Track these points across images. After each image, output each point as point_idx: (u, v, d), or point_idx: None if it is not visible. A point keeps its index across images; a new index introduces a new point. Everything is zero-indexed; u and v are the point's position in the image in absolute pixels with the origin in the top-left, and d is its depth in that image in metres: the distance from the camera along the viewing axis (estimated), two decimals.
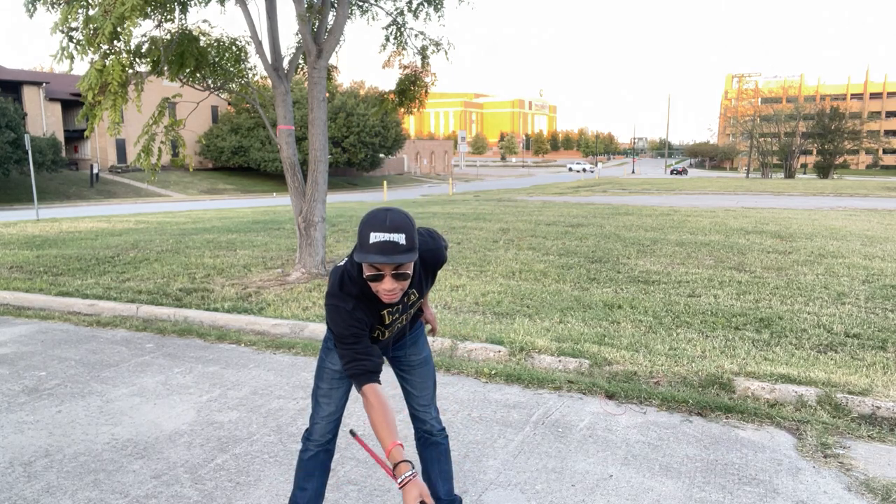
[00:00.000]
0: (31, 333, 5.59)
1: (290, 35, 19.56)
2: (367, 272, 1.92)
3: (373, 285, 1.93)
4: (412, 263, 1.95)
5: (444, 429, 2.54)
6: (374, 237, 1.84)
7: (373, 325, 2.11)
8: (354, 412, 3.63)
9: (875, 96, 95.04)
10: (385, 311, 2.11)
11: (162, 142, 7.60)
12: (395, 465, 1.76)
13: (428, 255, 2.16)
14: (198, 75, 7.71)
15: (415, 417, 2.50)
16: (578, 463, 3.18)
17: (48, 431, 3.58)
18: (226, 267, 8.10)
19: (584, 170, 78.01)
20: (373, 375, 1.96)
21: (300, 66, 8.43)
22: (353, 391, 2.30)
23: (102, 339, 5.41)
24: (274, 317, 5.69)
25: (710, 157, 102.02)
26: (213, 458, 3.25)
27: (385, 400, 1.91)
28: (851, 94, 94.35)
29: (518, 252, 8.95)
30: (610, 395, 3.98)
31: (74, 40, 6.30)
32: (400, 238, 1.84)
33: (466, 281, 7.03)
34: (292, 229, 11.74)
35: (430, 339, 4.90)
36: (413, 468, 1.76)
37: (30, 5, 6.71)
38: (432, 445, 2.51)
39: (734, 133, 77.64)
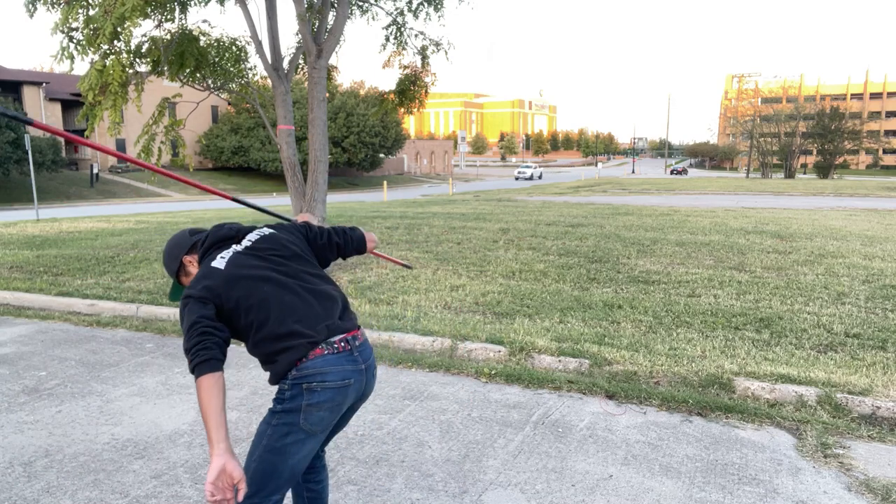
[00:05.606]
0: (31, 333, 5.59)
1: (290, 35, 19.55)
2: None
3: None
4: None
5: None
6: None
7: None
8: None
9: (875, 96, 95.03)
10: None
11: (162, 142, 7.62)
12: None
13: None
14: (198, 75, 7.72)
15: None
16: (578, 463, 3.18)
17: (48, 431, 3.59)
18: None
19: (532, 176, 57.17)
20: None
21: (300, 66, 8.43)
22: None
23: (102, 339, 5.41)
24: None
25: (710, 157, 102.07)
26: None
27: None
28: (851, 94, 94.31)
29: (518, 252, 8.95)
30: (610, 395, 3.98)
31: (75, 40, 6.31)
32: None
33: (466, 281, 7.03)
34: None
35: (430, 339, 4.91)
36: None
37: (30, 5, 6.72)
38: None
39: (734, 133, 77.65)
